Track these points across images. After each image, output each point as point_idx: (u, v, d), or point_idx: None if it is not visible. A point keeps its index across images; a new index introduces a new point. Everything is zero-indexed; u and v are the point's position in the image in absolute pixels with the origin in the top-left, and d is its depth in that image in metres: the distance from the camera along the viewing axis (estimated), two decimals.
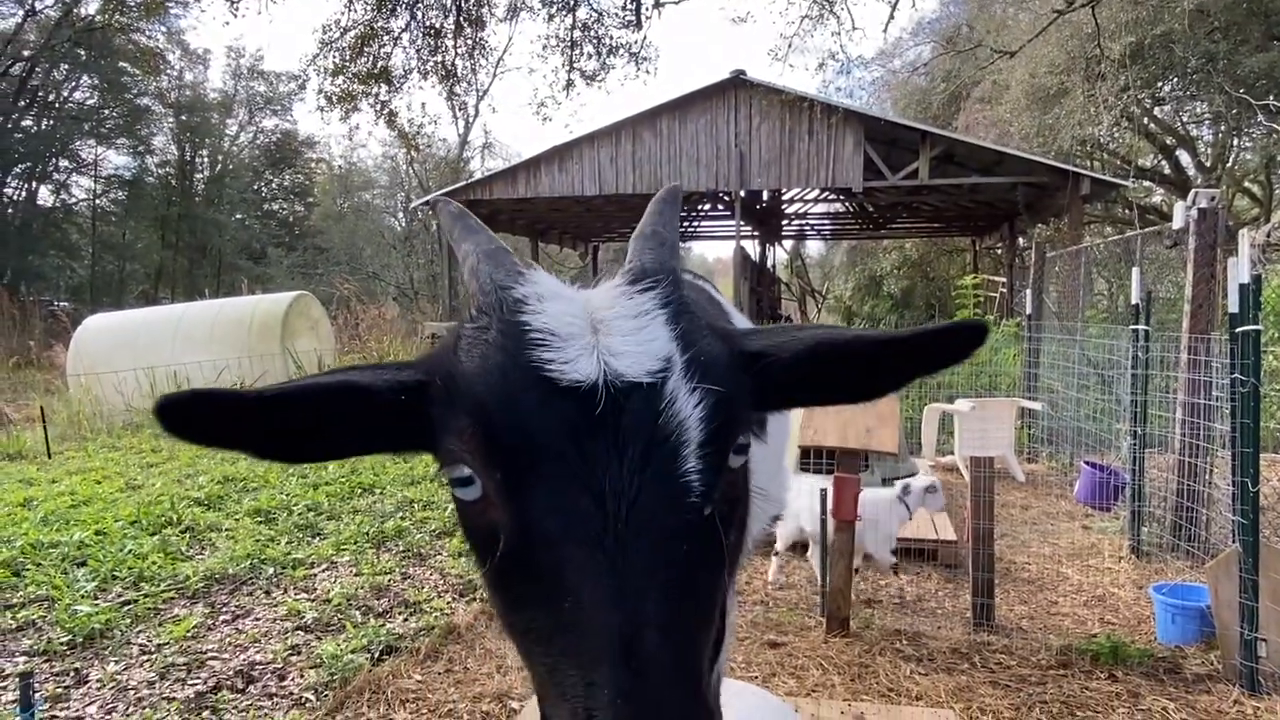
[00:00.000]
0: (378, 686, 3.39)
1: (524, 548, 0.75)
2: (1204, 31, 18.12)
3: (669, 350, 0.77)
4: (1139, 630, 4.04)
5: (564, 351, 0.76)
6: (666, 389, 0.76)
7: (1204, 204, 5.07)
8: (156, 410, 0.80)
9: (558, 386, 0.75)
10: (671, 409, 0.75)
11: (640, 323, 0.79)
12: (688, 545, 0.74)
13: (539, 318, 0.79)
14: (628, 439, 0.74)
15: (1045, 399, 8.07)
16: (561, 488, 0.74)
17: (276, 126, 37.89)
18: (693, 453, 0.75)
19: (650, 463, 0.74)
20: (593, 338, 0.78)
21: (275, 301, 11.86)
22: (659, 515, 0.73)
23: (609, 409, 0.74)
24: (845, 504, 3.80)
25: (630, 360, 0.76)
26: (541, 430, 0.74)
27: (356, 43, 10.42)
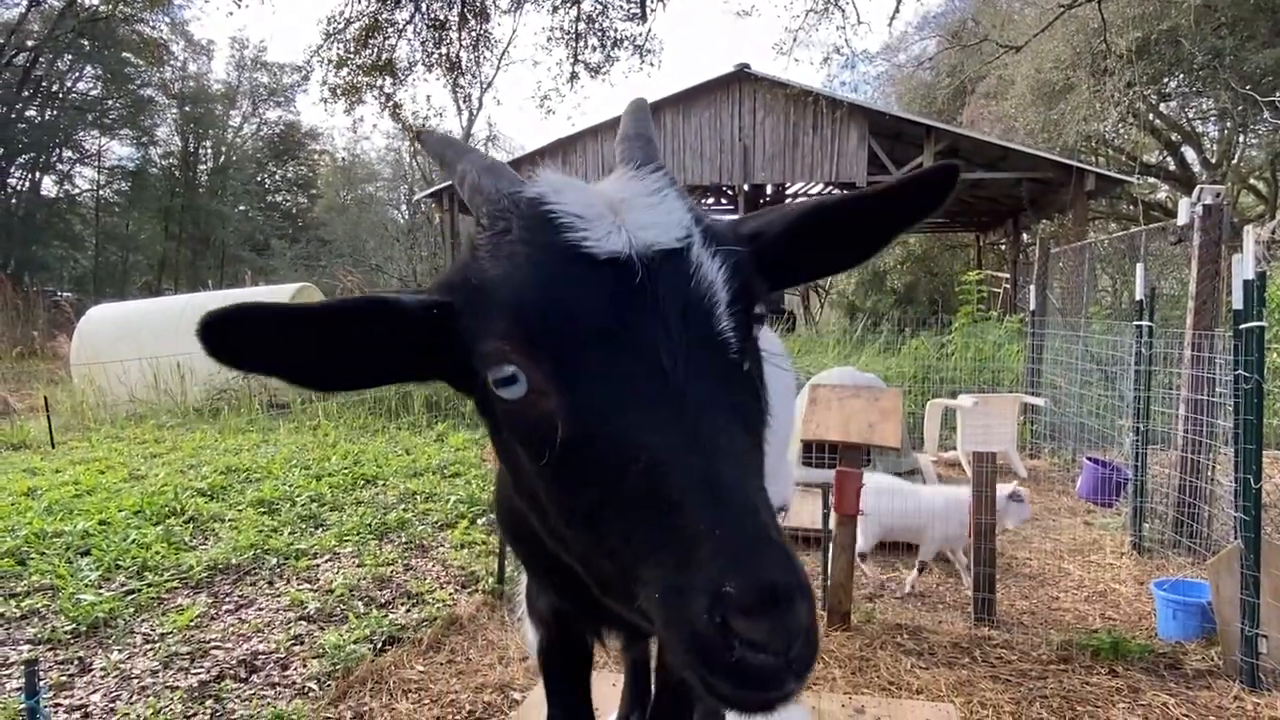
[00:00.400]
0: (380, 677, 3.40)
1: (586, 426, 0.75)
2: (1211, 27, 18.05)
3: (688, 220, 0.81)
4: (1140, 626, 4.05)
5: (594, 230, 0.78)
6: (693, 254, 0.79)
7: (1209, 200, 5.06)
8: (200, 328, 0.80)
9: (596, 261, 0.77)
10: (700, 271, 0.79)
11: (657, 199, 0.83)
12: (737, 397, 0.78)
13: (562, 205, 0.81)
14: (668, 303, 0.76)
15: (1048, 395, 8.07)
16: (616, 357, 0.75)
17: (280, 118, 37.91)
18: (724, 311, 0.79)
19: (691, 322, 0.77)
20: (615, 217, 0.80)
21: (278, 293, 11.86)
22: (710, 368, 0.76)
23: (646, 278, 0.76)
24: (847, 498, 3.80)
25: (657, 231, 0.79)
26: (587, 306, 0.76)
27: (361, 35, 10.40)
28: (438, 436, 8.76)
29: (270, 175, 39.41)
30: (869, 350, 12.12)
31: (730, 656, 0.65)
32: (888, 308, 23.93)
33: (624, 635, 1.28)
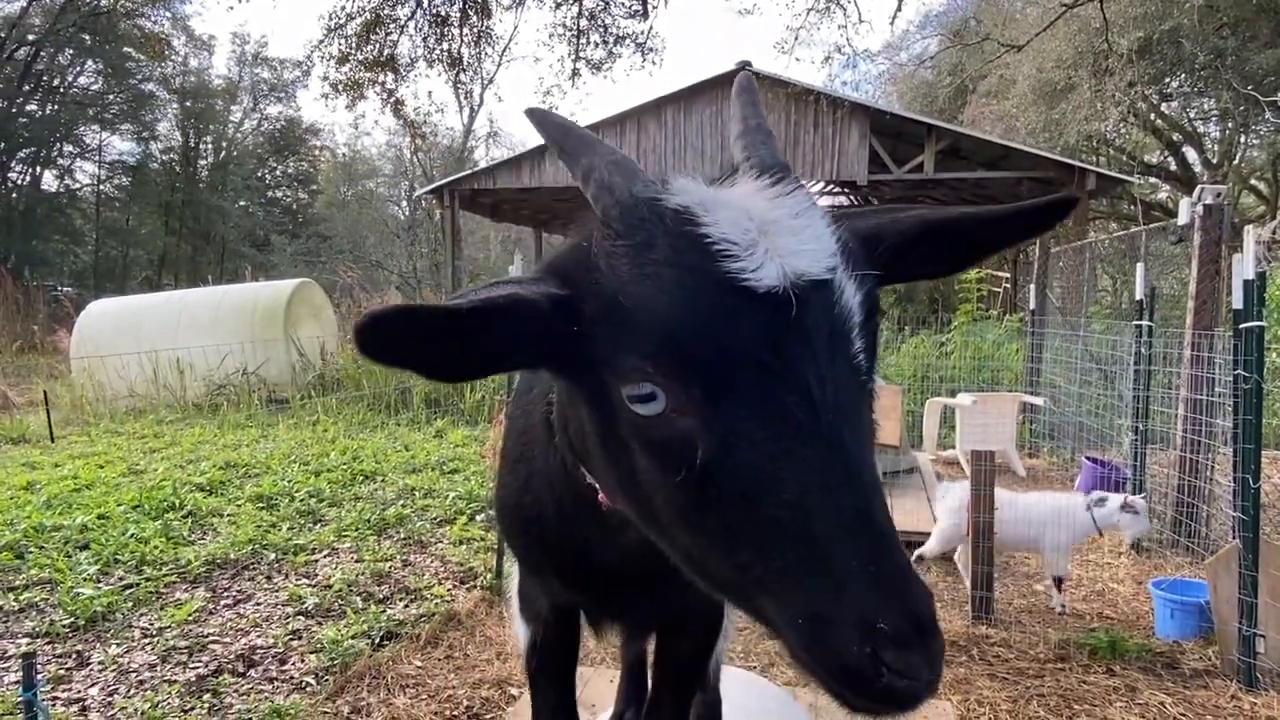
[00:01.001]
0: (378, 672, 3.41)
1: (735, 452, 0.76)
2: (1213, 27, 18.04)
3: (835, 245, 0.81)
4: (1137, 625, 4.05)
5: (751, 260, 0.78)
6: (838, 282, 0.80)
7: (1210, 200, 5.06)
8: (358, 327, 0.79)
9: (755, 294, 0.77)
10: (844, 300, 0.79)
11: (804, 221, 0.82)
12: (869, 423, 0.82)
13: (716, 228, 0.80)
14: (817, 333, 0.77)
15: (1047, 394, 8.07)
16: (768, 389, 0.76)
17: (281, 113, 37.86)
18: (859, 336, 0.80)
19: (836, 351, 0.78)
20: (764, 241, 0.80)
21: (278, 288, 11.87)
22: (852, 398, 0.78)
23: (799, 310, 0.77)
24: None
25: (808, 259, 0.79)
26: (742, 338, 0.77)
27: (362, 30, 10.38)
28: (436, 433, 8.76)
29: (271, 171, 39.37)
30: None
31: (879, 684, 0.71)
32: (888, 306, 23.96)
33: (625, 630, 1.29)
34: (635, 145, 16.52)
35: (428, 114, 14.98)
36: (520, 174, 17.32)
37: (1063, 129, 18.91)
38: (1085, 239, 14.99)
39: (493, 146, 38.34)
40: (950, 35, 24.35)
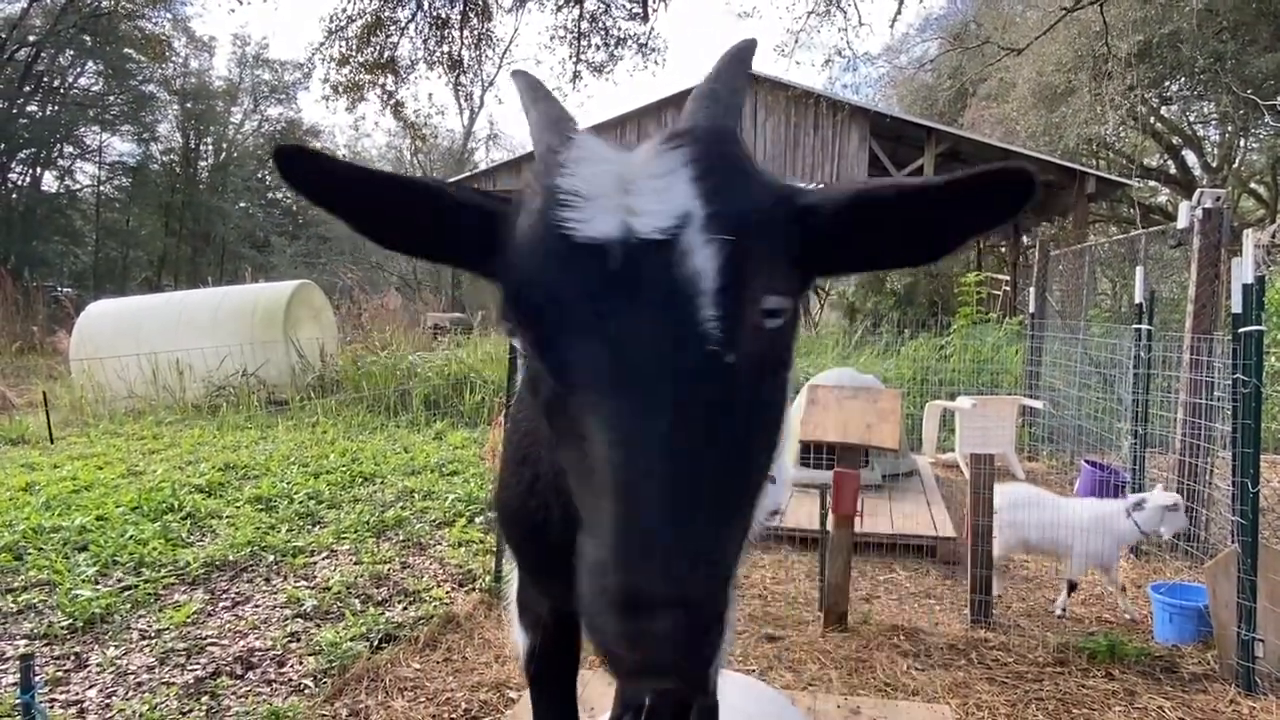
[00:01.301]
0: (376, 674, 3.40)
1: (557, 392, 0.78)
2: (1212, 31, 18.06)
3: (686, 207, 0.77)
4: (1136, 629, 4.05)
5: (584, 211, 0.77)
6: (680, 243, 0.76)
7: (1209, 204, 5.07)
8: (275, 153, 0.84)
9: (573, 243, 0.76)
10: (685, 262, 0.75)
11: (663, 181, 0.79)
12: (701, 387, 0.75)
13: (569, 180, 0.80)
14: (642, 292, 0.75)
15: (1046, 397, 8.07)
16: (584, 342, 0.75)
17: (281, 115, 37.88)
18: (708, 302, 0.75)
19: (664, 314, 0.75)
20: (619, 198, 0.78)
21: (278, 290, 11.86)
22: (668, 358, 0.74)
23: (625, 265, 0.75)
24: (845, 499, 3.80)
25: (650, 217, 0.77)
26: (563, 288, 0.77)
27: (363, 32, 10.40)
28: (436, 434, 8.75)
29: (271, 172, 39.37)
30: (868, 352, 12.12)
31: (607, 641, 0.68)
32: (887, 309, 23.95)
33: None
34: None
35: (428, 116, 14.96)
36: (521, 175, 17.37)
37: (1063, 132, 18.93)
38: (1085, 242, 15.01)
39: (493, 148, 38.39)
40: (950, 39, 24.38)
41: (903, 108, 25.67)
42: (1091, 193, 15.22)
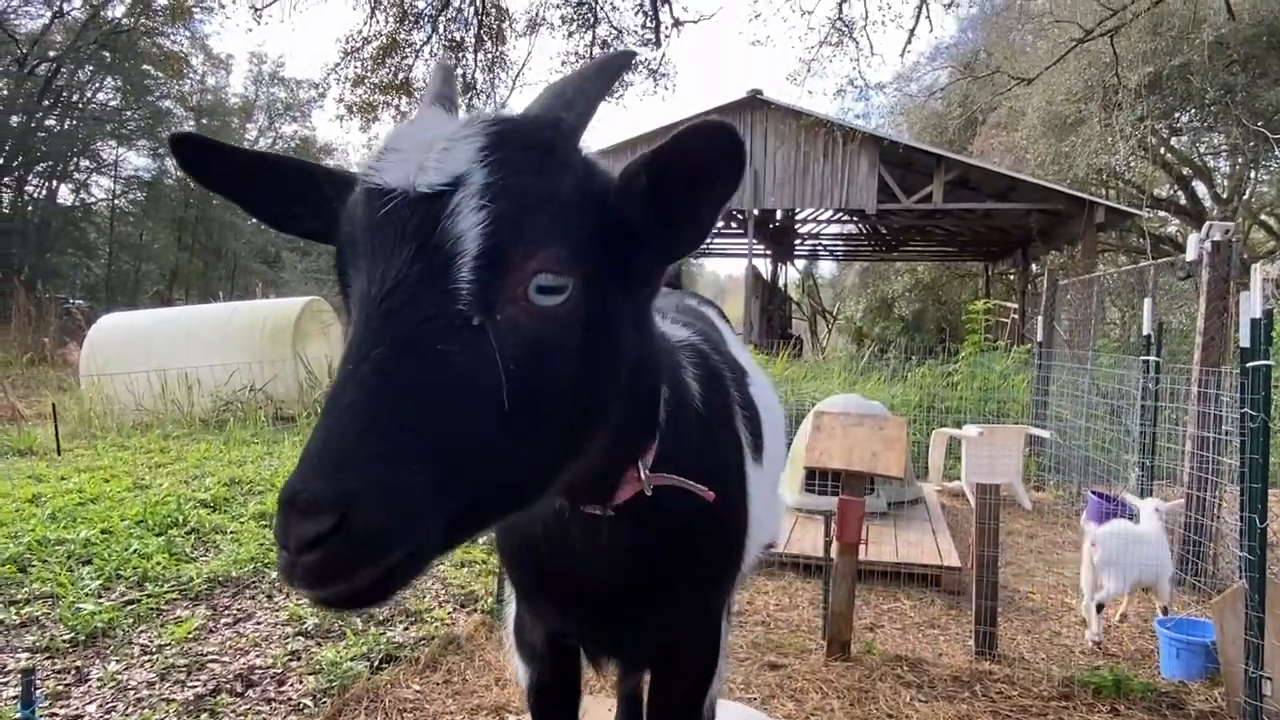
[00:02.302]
0: (376, 695, 3.39)
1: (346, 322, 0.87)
2: (1223, 64, 18.12)
3: (463, 170, 0.82)
4: (1143, 664, 4.01)
5: (386, 163, 0.85)
6: (449, 201, 0.81)
7: (1218, 236, 5.07)
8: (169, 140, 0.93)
9: (366, 189, 0.85)
10: (449, 220, 0.80)
11: (453, 145, 0.84)
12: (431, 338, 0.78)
13: (395, 137, 0.89)
14: (407, 239, 0.80)
15: (1054, 427, 8.04)
16: (354, 274, 0.84)
17: (295, 132, 38.27)
18: (462, 262, 0.79)
19: (418, 262, 0.79)
20: (419, 155, 0.84)
21: (287, 306, 11.93)
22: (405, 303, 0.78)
23: (399, 213, 0.81)
24: (849, 527, 3.79)
25: (433, 174, 0.82)
26: (353, 226, 0.85)
27: (378, 54, 10.52)
28: None
29: None
30: (875, 378, 12.09)
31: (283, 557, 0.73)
32: (895, 334, 23.95)
33: (621, 665, 1.29)
34: None
35: None
36: None
37: (1072, 161, 18.97)
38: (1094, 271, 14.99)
39: None
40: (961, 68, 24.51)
41: (913, 135, 25.80)
42: (1101, 222, 15.23)
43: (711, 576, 1.16)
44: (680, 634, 1.19)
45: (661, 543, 1.06)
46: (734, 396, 1.20)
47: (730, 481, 1.16)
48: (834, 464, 3.83)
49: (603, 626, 1.13)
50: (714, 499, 1.04)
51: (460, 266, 0.79)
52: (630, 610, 1.13)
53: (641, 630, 1.19)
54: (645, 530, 1.03)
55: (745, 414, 1.24)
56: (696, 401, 1.05)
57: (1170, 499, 4.82)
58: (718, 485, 1.05)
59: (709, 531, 1.12)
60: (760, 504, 1.29)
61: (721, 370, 1.20)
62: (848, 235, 24.70)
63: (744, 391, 1.29)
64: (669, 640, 1.21)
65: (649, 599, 1.08)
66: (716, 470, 1.08)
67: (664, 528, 1.05)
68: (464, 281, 0.79)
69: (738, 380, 1.27)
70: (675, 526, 1.06)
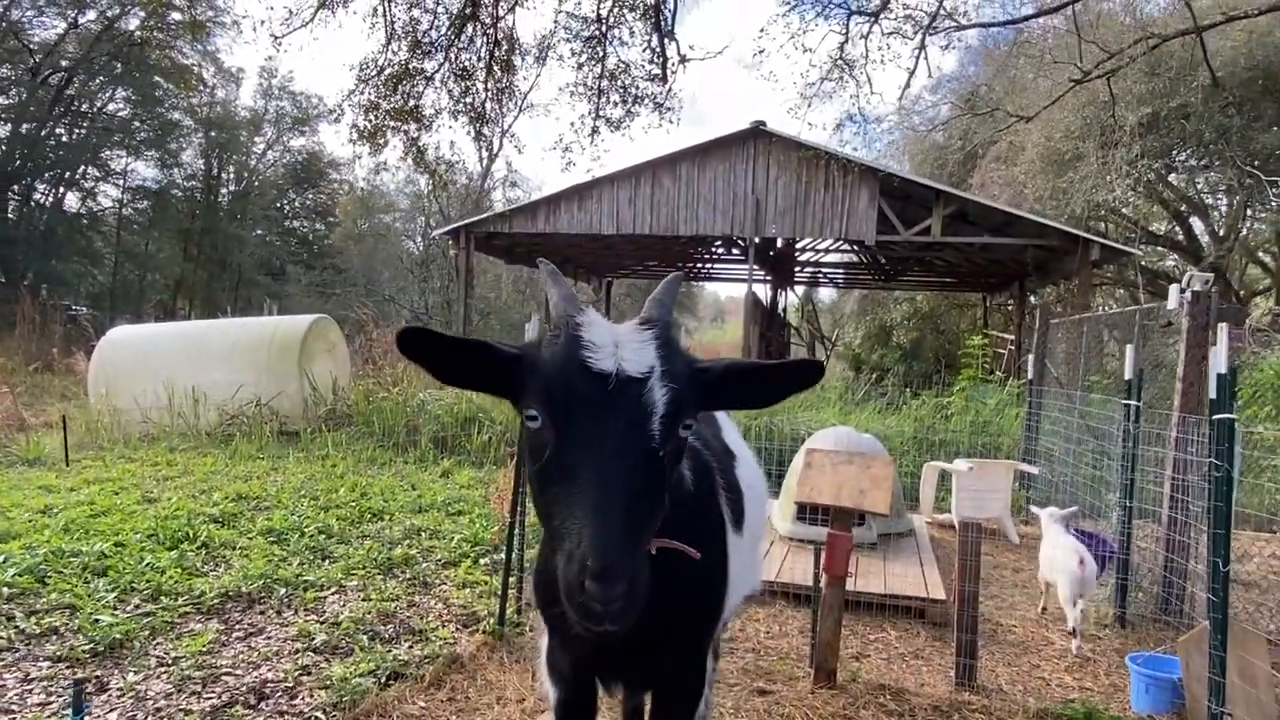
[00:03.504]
0: (384, 711, 3.56)
1: (560, 454, 1.21)
2: (1218, 106, 18.44)
3: (653, 362, 1.25)
4: (1115, 698, 4.18)
5: (598, 354, 1.23)
6: (649, 381, 1.24)
7: (1198, 287, 5.28)
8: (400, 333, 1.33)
9: (591, 371, 1.23)
10: (649, 392, 1.23)
11: (640, 345, 1.27)
12: (646, 464, 1.20)
13: (586, 334, 1.26)
14: (623, 404, 1.22)
15: (1043, 463, 8.22)
16: (586, 425, 1.21)
17: (303, 146, 38.63)
18: (658, 417, 1.22)
19: (633, 418, 1.21)
20: (614, 349, 1.25)
21: (295, 323, 12.13)
22: (631, 444, 1.20)
23: (617, 387, 1.22)
24: (837, 560, 3.97)
25: (632, 364, 1.24)
26: (581, 394, 1.22)
27: (390, 81, 10.78)
28: (443, 473, 8.94)
29: (290, 202, 40.04)
30: (870, 408, 12.29)
31: (579, 599, 1.09)
32: (893, 362, 24.14)
33: (627, 690, 1.53)
34: (649, 197, 16.92)
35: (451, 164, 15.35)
36: (535, 220, 17.72)
37: (1070, 197, 19.24)
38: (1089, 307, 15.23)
39: (509, 189, 39.00)
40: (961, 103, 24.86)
41: (914, 166, 26.12)
42: (1096, 259, 15.47)
43: (697, 622, 1.45)
44: (673, 666, 1.54)
45: (659, 591, 1.29)
46: (719, 482, 1.64)
47: (713, 546, 1.57)
48: (823, 500, 4.02)
49: (612, 658, 1.38)
50: (699, 557, 1.43)
51: (656, 421, 1.22)
52: (634, 647, 1.47)
53: (642, 663, 1.55)
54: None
55: (729, 495, 1.58)
56: (689, 485, 1.50)
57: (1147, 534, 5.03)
58: (703, 549, 1.46)
59: (695, 584, 1.44)
60: (739, 564, 1.58)
61: (710, 463, 1.65)
62: (847, 264, 24.96)
63: (729, 476, 1.62)
64: (664, 671, 1.55)
65: (649, 638, 1.43)
66: (702, 538, 1.49)
67: (662, 579, 1.34)
68: (657, 429, 1.22)
69: (724, 467, 1.61)
70: (670, 578, 1.41)
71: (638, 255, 23.39)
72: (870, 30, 11.06)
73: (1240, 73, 18.21)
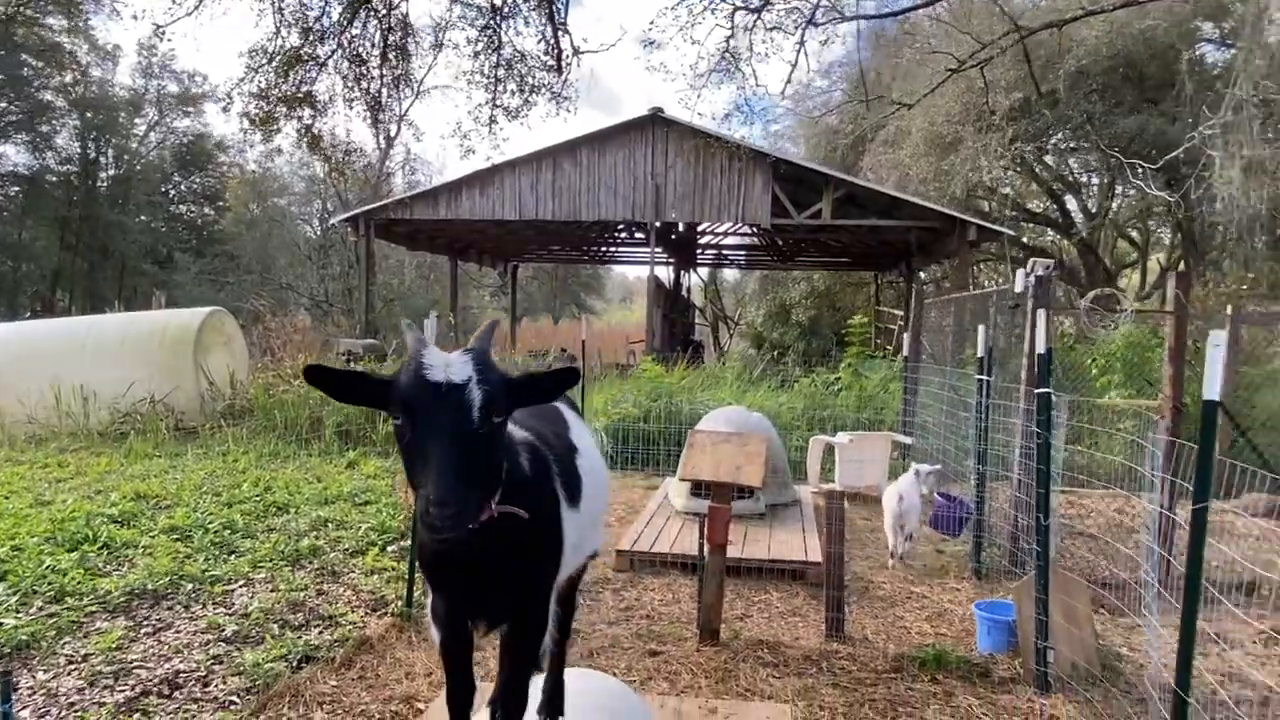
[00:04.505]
0: (297, 691, 3.77)
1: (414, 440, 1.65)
2: (1083, 92, 19.76)
3: (471, 374, 1.69)
4: (965, 641, 4.72)
5: (433, 371, 1.67)
6: (468, 386, 1.67)
7: (1041, 272, 5.87)
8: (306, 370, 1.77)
9: (430, 382, 1.66)
10: (469, 394, 1.66)
11: (462, 364, 1.70)
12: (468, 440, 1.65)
13: (426, 359, 1.70)
14: (451, 401, 1.65)
15: (919, 434, 8.88)
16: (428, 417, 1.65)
17: (189, 128, 37.01)
18: (476, 409, 1.66)
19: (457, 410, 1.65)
20: (445, 367, 1.68)
21: (188, 317, 11.86)
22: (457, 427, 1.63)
23: (447, 392, 1.65)
24: (718, 530, 4.37)
25: (456, 376, 1.67)
26: (417, 400, 1.66)
27: (282, 67, 10.64)
28: (349, 464, 9.01)
29: (176, 186, 38.32)
30: (765, 386, 12.86)
31: (427, 520, 1.53)
32: (793, 339, 25.01)
33: (486, 626, 1.99)
34: (550, 183, 17.10)
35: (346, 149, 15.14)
36: (437, 206, 17.66)
37: (951, 179, 20.30)
38: (967, 284, 16.21)
39: (409, 174, 38.34)
40: (850, 88, 25.73)
41: (809, 150, 26.97)
42: (973, 239, 16.45)
43: (537, 574, 1.86)
44: (520, 608, 2.01)
45: (504, 545, 1.88)
46: (555, 470, 2.10)
47: (547, 517, 2.05)
48: (703, 476, 4.41)
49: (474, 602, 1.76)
50: (529, 518, 1.89)
51: (475, 412, 1.65)
52: (489, 592, 1.96)
53: (496, 605, 2.02)
54: (494, 537, 1.82)
55: (567, 480, 1.93)
56: (526, 471, 1.96)
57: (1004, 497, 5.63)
58: (535, 514, 1.93)
59: (535, 544, 2.01)
60: (575, 532, 1.95)
61: (546, 455, 2.08)
62: (748, 246, 25.66)
63: (569, 466, 1.97)
64: (514, 611, 2.02)
65: (499, 583, 1.92)
66: (535, 507, 1.95)
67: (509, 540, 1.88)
68: (477, 417, 1.65)
69: (564, 459, 1.96)
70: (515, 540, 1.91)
71: (542, 240, 23.51)
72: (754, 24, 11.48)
73: (1103, 61, 19.52)
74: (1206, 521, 2.52)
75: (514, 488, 1.82)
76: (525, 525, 1.85)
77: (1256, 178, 15.56)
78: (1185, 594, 2.59)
